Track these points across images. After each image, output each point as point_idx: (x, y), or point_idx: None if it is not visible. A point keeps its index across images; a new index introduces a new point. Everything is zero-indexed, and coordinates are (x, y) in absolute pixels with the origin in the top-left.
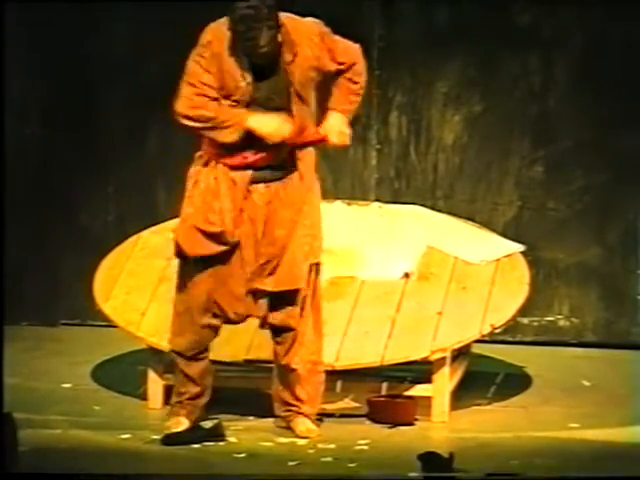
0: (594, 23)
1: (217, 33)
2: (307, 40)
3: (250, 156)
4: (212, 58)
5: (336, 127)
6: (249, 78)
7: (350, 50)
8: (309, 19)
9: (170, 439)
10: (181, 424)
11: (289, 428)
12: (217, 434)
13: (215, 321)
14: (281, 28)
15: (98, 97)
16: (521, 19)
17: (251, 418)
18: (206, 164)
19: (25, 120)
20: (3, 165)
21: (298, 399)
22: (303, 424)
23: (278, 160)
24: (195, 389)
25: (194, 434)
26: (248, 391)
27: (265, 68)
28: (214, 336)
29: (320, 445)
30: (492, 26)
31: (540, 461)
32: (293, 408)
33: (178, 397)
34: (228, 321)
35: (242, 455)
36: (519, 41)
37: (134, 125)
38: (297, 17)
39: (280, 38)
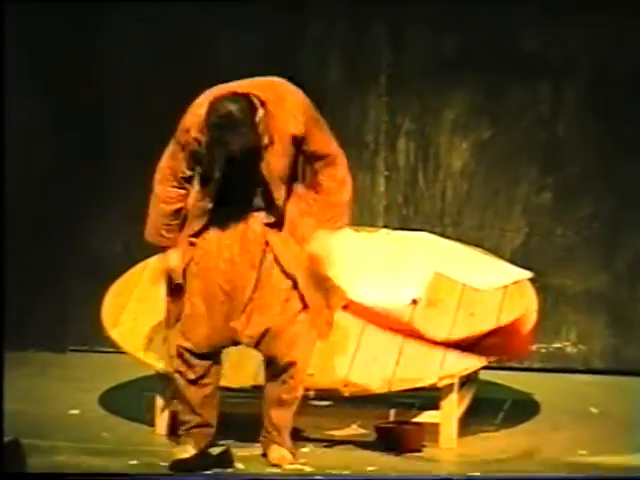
0: (602, 51)
1: (195, 121)
2: (292, 118)
3: None
4: (188, 145)
5: None
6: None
7: (327, 143)
8: (298, 94)
9: (177, 465)
10: (188, 451)
11: (265, 455)
12: (225, 460)
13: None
14: (261, 112)
15: (107, 129)
16: (529, 47)
17: (258, 444)
18: None
19: (34, 150)
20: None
21: (276, 427)
22: (277, 451)
23: None
24: (196, 418)
25: (202, 461)
26: (256, 417)
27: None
28: (227, 341)
29: (328, 471)
30: (500, 53)
31: None
32: (269, 435)
33: (184, 425)
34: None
35: None
36: (527, 69)
37: (140, 155)
38: (284, 87)
39: (260, 126)
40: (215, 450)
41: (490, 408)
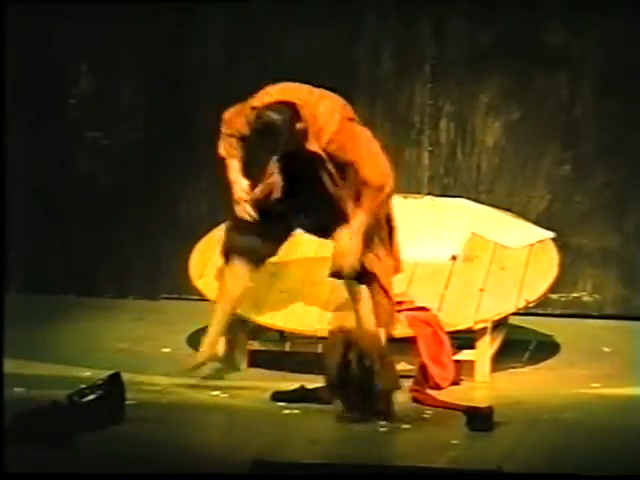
0: (614, 43)
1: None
2: (332, 118)
3: None
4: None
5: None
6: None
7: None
8: (330, 95)
9: (278, 395)
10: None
11: None
12: (322, 397)
13: None
14: (301, 117)
15: (192, 108)
16: (552, 40)
17: None
18: None
19: (132, 127)
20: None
21: None
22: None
23: None
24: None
25: (302, 394)
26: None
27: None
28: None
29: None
30: (527, 46)
31: (567, 415)
32: None
33: None
34: None
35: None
36: (550, 59)
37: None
38: (316, 92)
39: (302, 126)
40: (315, 386)
41: (518, 348)
